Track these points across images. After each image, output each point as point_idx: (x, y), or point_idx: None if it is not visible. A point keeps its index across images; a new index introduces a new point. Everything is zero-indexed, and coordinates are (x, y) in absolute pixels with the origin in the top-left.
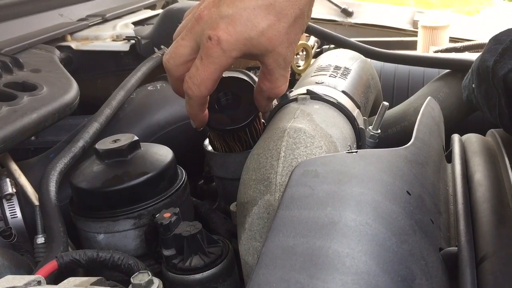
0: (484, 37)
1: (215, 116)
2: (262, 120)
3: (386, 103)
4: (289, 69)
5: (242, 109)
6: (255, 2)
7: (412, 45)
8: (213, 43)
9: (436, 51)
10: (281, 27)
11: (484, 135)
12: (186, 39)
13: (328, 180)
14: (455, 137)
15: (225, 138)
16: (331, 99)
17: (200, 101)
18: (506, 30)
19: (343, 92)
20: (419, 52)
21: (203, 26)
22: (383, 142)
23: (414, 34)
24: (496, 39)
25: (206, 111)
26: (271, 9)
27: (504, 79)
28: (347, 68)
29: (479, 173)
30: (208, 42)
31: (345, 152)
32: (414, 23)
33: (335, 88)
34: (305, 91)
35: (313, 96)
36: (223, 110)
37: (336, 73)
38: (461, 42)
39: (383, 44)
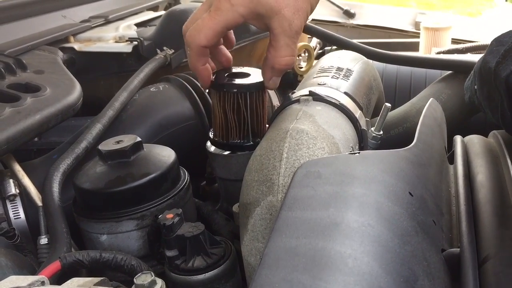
0: (486, 39)
1: (221, 79)
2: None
3: (388, 105)
4: (296, 41)
5: (248, 80)
6: None
7: (414, 47)
8: None
9: (438, 53)
10: None
11: (486, 137)
12: (202, 6)
13: (331, 181)
14: (457, 139)
15: (224, 107)
16: (333, 101)
17: (197, 50)
18: (508, 31)
19: (345, 93)
20: (421, 53)
21: None
22: (385, 143)
23: (416, 35)
24: (498, 41)
25: (209, 69)
26: None
27: (506, 80)
28: (349, 70)
29: (481, 175)
30: None
31: (347, 153)
32: (416, 25)
33: (338, 89)
34: (308, 92)
35: (315, 97)
36: (230, 79)
37: (338, 75)
38: (463, 43)
39: (385, 46)
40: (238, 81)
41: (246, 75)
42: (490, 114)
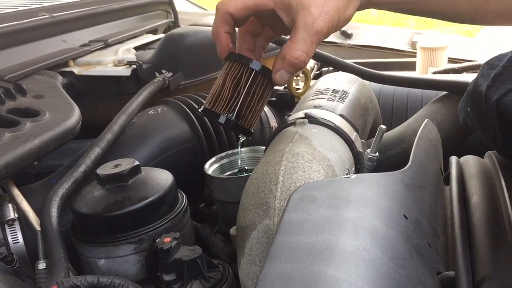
0: (482, 58)
1: (236, 54)
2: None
3: (383, 127)
4: (314, 41)
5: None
6: None
7: (411, 66)
8: None
9: (435, 72)
10: None
11: (483, 156)
12: None
13: (326, 205)
14: (453, 160)
15: (227, 75)
16: (329, 123)
17: (223, 15)
18: (499, 55)
19: (341, 115)
20: (417, 73)
21: None
22: (382, 163)
23: (413, 55)
24: (489, 64)
25: (229, 39)
26: None
27: (496, 104)
28: (345, 92)
29: (476, 196)
30: None
31: (342, 176)
32: (413, 44)
33: (333, 111)
34: (304, 115)
35: (311, 120)
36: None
37: (334, 97)
38: (459, 62)
39: (382, 65)
40: (251, 58)
41: (261, 63)
42: (483, 136)
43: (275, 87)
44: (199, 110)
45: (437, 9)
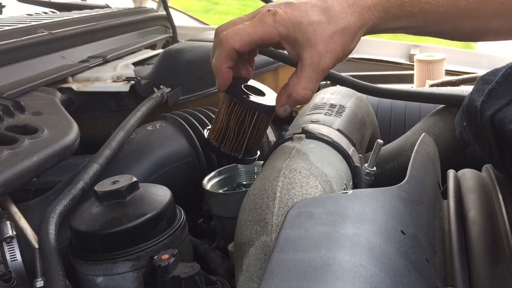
0: (480, 70)
1: (237, 88)
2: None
3: (380, 141)
4: (319, 79)
5: (261, 100)
6: (316, 2)
7: (409, 79)
8: (269, 13)
9: (432, 85)
10: (327, 28)
11: (481, 170)
12: (247, 16)
13: (323, 221)
14: (450, 173)
15: (230, 115)
16: (326, 138)
17: (228, 51)
18: (493, 70)
19: (338, 130)
20: (415, 85)
21: (266, 7)
22: (381, 177)
23: (411, 67)
24: (484, 79)
25: (231, 74)
26: (326, 12)
27: (491, 119)
28: (342, 106)
29: (473, 211)
30: (265, 12)
31: (339, 192)
32: (410, 57)
33: (331, 126)
34: (301, 130)
35: (308, 135)
36: (247, 93)
37: (331, 111)
38: (457, 75)
39: (380, 78)
40: (253, 98)
41: (261, 93)
42: (479, 151)
43: None
44: (205, 143)
45: (439, 32)
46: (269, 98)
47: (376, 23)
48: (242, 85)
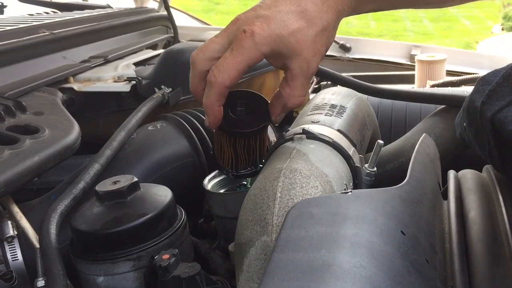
0: (481, 70)
1: (228, 119)
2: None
3: (381, 142)
4: (310, 82)
5: (256, 117)
6: (289, 7)
7: (410, 79)
8: (246, 35)
9: (433, 85)
10: (309, 33)
11: (482, 170)
12: (219, 37)
13: (323, 221)
14: (451, 174)
15: (235, 146)
16: (327, 138)
17: (220, 90)
18: (493, 70)
19: (339, 130)
20: (416, 86)
21: (238, 25)
22: (381, 178)
23: (412, 68)
24: (484, 80)
25: (222, 109)
26: (303, 15)
27: (491, 120)
28: (343, 107)
29: (473, 211)
30: (241, 35)
31: (339, 192)
32: (411, 57)
33: (331, 127)
34: (301, 131)
35: (308, 135)
36: (237, 117)
37: (332, 112)
38: (458, 75)
39: (381, 78)
40: (246, 123)
41: (248, 103)
42: (479, 151)
43: None
44: (225, 173)
45: (410, 3)
46: (260, 109)
47: (349, 11)
48: (230, 112)
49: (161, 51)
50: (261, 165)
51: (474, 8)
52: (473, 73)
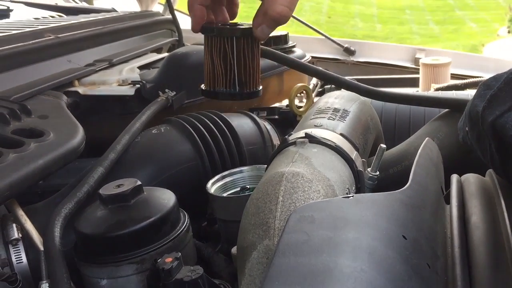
0: (486, 74)
1: (210, 25)
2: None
3: (383, 146)
4: None
5: (238, 28)
6: None
7: (414, 82)
8: None
9: (437, 89)
10: None
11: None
12: None
13: (324, 225)
14: (454, 178)
15: (212, 52)
16: (329, 142)
17: None
18: (496, 75)
19: (342, 134)
20: (420, 89)
21: None
22: (384, 181)
23: (416, 71)
24: (486, 85)
25: (204, 11)
26: None
27: (492, 125)
28: (346, 110)
29: (476, 216)
30: None
31: (341, 197)
32: (416, 61)
33: (334, 130)
34: (304, 135)
35: (311, 139)
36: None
37: (335, 116)
38: (463, 78)
39: (386, 82)
40: (226, 27)
41: (238, 25)
42: (481, 156)
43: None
44: (202, 95)
45: None
46: (246, 25)
47: None
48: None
49: (165, 54)
50: (241, 91)
51: (481, 11)
52: (478, 77)
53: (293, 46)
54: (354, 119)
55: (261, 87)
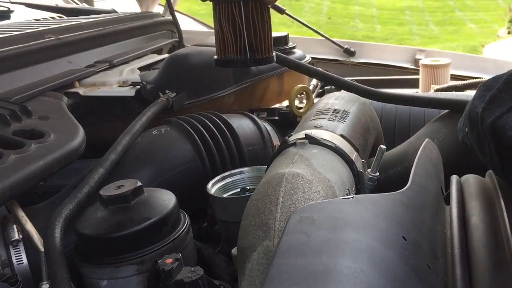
0: (486, 75)
1: None
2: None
3: (383, 147)
4: None
5: None
6: None
7: (414, 83)
8: None
9: (437, 90)
10: None
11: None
12: None
13: (324, 226)
14: (453, 179)
15: (220, 19)
16: (329, 143)
17: None
18: (495, 76)
19: (341, 135)
20: (420, 90)
21: None
22: (385, 182)
23: (416, 72)
24: (486, 86)
25: None
26: None
27: (491, 126)
28: (346, 111)
29: (475, 217)
30: None
31: (341, 197)
32: (416, 62)
33: (334, 131)
34: (304, 136)
35: (311, 140)
36: None
37: (335, 117)
38: (463, 79)
39: (386, 82)
40: None
41: None
42: (480, 156)
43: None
44: (215, 65)
45: None
46: None
47: None
48: None
49: (166, 55)
50: (252, 57)
51: (480, 12)
52: (478, 78)
53: (293, 47)
54: (354, 120)
55: (274, 54)
